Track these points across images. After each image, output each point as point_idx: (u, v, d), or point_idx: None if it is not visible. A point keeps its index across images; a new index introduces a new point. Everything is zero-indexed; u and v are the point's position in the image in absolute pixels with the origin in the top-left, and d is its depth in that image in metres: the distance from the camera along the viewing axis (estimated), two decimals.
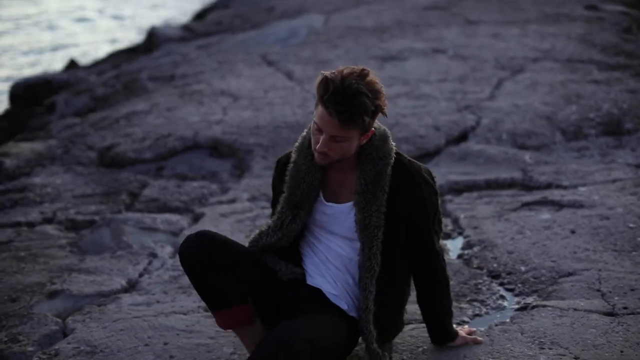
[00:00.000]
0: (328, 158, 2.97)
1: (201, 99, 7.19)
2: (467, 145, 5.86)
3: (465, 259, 4.26)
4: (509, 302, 3.78)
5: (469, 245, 4.40)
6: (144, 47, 11.01)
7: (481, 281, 3.97)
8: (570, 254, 4.10)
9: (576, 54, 7.76)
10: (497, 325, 3.47)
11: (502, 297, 3.83)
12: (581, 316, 3.48)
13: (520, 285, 3.90)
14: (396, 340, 3.35)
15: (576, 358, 3.16)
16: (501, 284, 3.94)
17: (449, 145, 5.90)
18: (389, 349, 3.27)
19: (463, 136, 6.04)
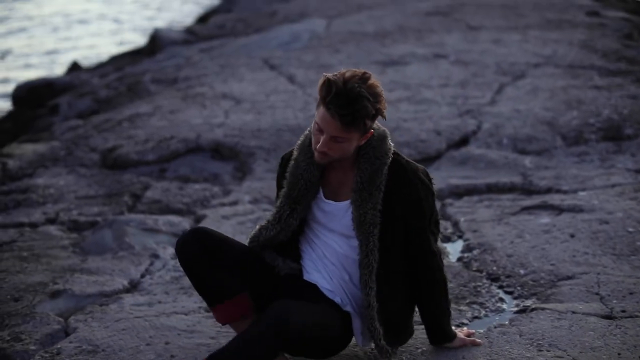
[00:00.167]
0: (328, 157, 3.04)
1: (204, 102, 7.22)
2: (467, 150, 5.89)
3: (465, 262, 4.28)
4: (508, 305, 3.80)
5: (468, 249, 4.42)
6: (147, 49, 11.04)
7: (480, 284, 4.00)
8: (570, 258, 4.13)
9: (577, 60, 7.78)
10: (496, 328, 3.50)
11: (501, 300, 3.85)
12: (579, 319, 3.50)
13: (519, 288, 3.92)
14: None
15: None
16: (500, 287, 3.97)
17: (449, 150, 5.93)
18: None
19: (464, 141, 6.06)
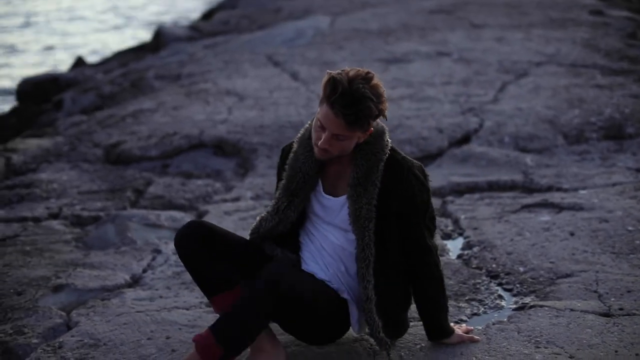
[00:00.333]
0: (328, 154, 3.09)
1: (207, 98, 7.24)
2: (469, 148, 5.90)
3: (464, 259, 4.30)
4: (507, 302, 3.82)
5: (468, 246, 4.45)
6: (152, 46, 11.07)
7: (480, 281, 4.02)
8: (569, 256, 4.14)
9: (580, 59, 7.79)
10: (494, 324, 3.51)
11: (500, 297, 3.87)
12: (577, 316, 3.52)
13: (518, 285, 3.94)
14: None
15: (571, 357, 3.20)
16: (499, 284, 3.99)
17: (451, 147, 5.94)
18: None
19: (466, 138, 6.08)
